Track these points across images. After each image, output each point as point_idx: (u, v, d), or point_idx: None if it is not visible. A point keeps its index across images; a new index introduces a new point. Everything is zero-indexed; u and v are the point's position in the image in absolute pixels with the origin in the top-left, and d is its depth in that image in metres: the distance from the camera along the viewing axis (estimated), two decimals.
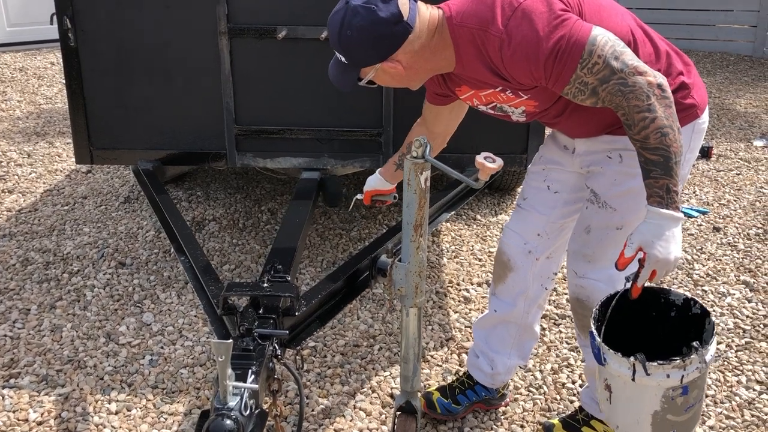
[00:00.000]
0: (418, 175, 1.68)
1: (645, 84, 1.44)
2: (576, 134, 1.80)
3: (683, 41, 8.32)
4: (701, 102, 1.71)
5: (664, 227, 1.44)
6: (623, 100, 1.45)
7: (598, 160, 1.75)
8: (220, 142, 2.80)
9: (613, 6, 1.66)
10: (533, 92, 1.61)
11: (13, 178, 4.08)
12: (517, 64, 1.51)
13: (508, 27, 1.48)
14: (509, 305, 2.00)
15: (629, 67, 1.45)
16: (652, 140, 1.44)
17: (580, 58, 1.45)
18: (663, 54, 1.66)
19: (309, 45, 2.67)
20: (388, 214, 3.56)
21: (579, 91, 1.50)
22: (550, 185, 1.89)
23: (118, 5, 2.66)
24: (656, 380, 1.38)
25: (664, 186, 1.44)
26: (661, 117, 1.43)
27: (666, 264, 1.45)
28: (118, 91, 2.77)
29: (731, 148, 4.73)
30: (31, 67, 6.94)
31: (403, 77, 1.64)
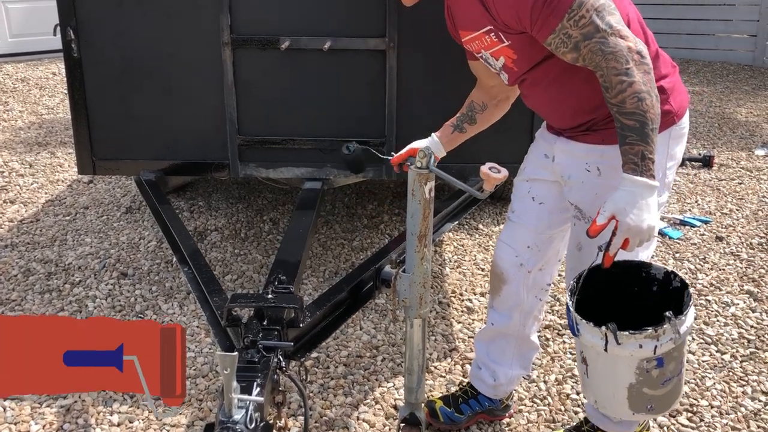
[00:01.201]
0: (423, 186, 1.68)
1: (625, 48, 1.44)
2: (553, 117, 1.78)
3: (684, 50, 8.35)
4: (679, 108, 1.69)
5: (637, 195, 1.43)
6: (603, 60, 1.45)
7: (577, 172, 1.73)
8: (223, 152, 2.79)
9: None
10: (515, 39, 1.60)
11: (15, 188, 4.08)
12: (506, 1, 1.52)
13: None
14: (505, 318, 2.00)
15: (613, 28, 1.45)
16: (628, 104, 1.43)
17: (569, 8, 1.46)
18: (652, 52, 1.65)
19: (312, 55, 2.67)
20: (390, 224, 3.56)
21: (562, 42, 1.50)
22: (535, 197, 1.88)
23: (122, 16, 2.66)
24: (628, 350, 1.36)
25: (639, 153, 1.43)
26: (639, 82, 1.43)
27: (639, 232, 1.44)
28: (121, 102, 2.77)
29: (733, 158, 4.73)
30: (33, 77, 6.96)
31: None
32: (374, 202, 3.82)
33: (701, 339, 2.58)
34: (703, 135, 5.31)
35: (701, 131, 5.40)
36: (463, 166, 2.76)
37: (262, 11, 2.64)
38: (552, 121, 1.81)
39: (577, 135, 1.72)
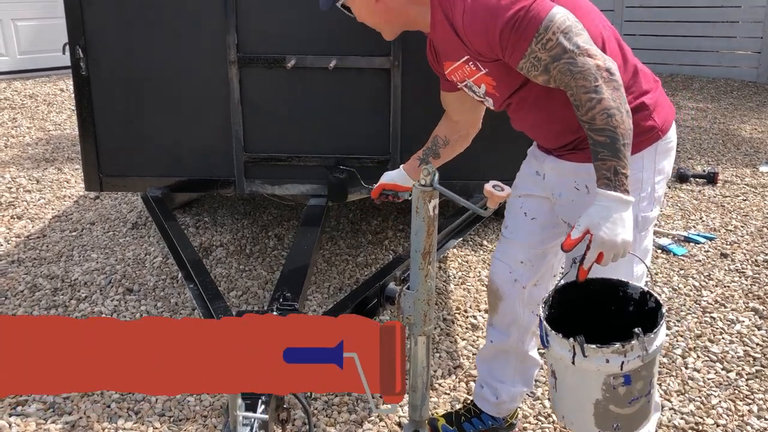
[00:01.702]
0: (427, 203, 1.69)
1: (593, 66, 1.46)
2: (540, 137, 1.81)
3: (688, 67, 8.38)
4: (663, 122, 1.70)
5: (611, 209, 1.44)
6: (572, 79, 1.47)
7: (566, 190, 1.75)
8: (229, 169, 2.82)
9: (590, 10, 1.67)
10: (492, 67, 1.63)
11: (22, 204, 4.11)
12: (476, 31, 1.55)
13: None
14: (504, 335, 2.00)
15: (581, 48, 1.47)
16: (598, 121, 1.45)
17: (535, 32, 1.48)
18: (631, 69, 1.67)
19: (317, 74, 2.70)
20: (394, 239, 3.57)
21: (533, 66, 1.52)
22: (527, 212, 1.89)
23: (130, 35, 2.70)
24: (595, 364, 1.36)
25: (611, 168, 1.45)
26: (608, 99, 1.45)
27: (613, 246, 1.44)
28: (128, 119, 2.80)
29: (737, 174, 4.73)
30: (41, 93, 7.03)
31: (374, 13, 1.72)
32: (379, 218, 3.83)
33: (706, 357, 2.57)
34: (708, 151, 5.31)
35: (705, 148, 5.41)
36: (467, 183, 2.78)
37: (268, 30, 2.67)
38: (539, 141, 1.84)
39: (565, 154, 1.74)
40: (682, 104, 6.91)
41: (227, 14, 2.64)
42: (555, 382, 1.47)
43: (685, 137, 5.67)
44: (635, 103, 1.63)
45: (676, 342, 2.66)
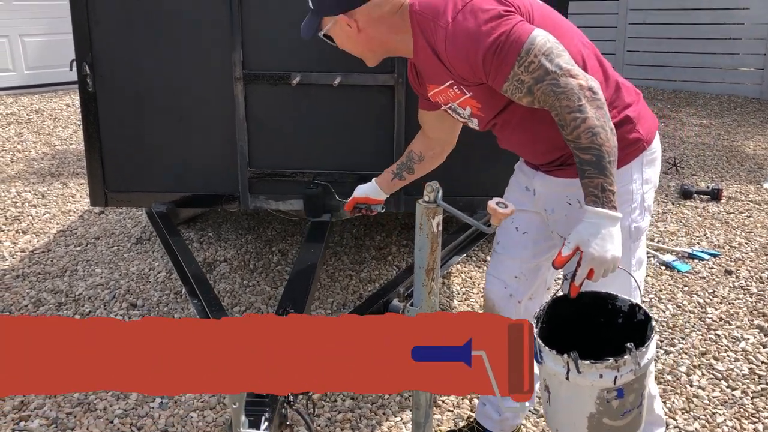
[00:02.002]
0: (430, 220, 1.69)
1: (576, 86, 1.48)
2: (527, 155, 1.83)
3: (691, 83, 8.41)
4: (647, 133, 1.72)
5: (600, 226, 1.47)
6: (555, 100, 1.49)
7: (559, 205, 1.76)
8: (234, 184, 2.83)
9: (569, 29, 1.69)
10: (476, 90, 1.65)
11: (28, 218, 4.12)
12: (459, 56, 1.57)
13: (455, 20, 1.56)
14: None
15: (563, 69, 1.50)
16: (583, 140, 1.47)
17: (517, 56, 1.50)
18: (612, 84, 1.69)
19: (322, 90, 2.71)
20: (398, 255, 3.57)
21: (516, 89, 1.54)
22: (518, 226, 1.90)
23: (137, 52, 2.72)
24: (589, 380, 1.38)
25: (599, 185, 1.47)
26: (592, 117, 1.47)
27: (603, 262, 1.47)
28: (134, 135, 2.82)
29: (741, 191, 4.73)
30: (47, 108, 7.08)
31: (357, 42, 1.73)
32: (382, 234, 3.84)
33: (711, 374, 2.56)
34: (711, 168, 5.32)
35: (709, 164, 5.41)
36: (471, 199, 2.79)
37: (273, 48, 2.69)
38: (526, 158, 1.86)
39: (553, 170, 1.76)
40: (685, 120, 6.92)
41: (233, 31, 2.66)
42: (549, 396, 1.49)
43: (688, 154, 5.67)
44: (619, 117, 1.66)
45: (680, 359, 2.65)
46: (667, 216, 4.26)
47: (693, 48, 8.37)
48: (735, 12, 8.10)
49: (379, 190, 2.13)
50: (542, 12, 1.65)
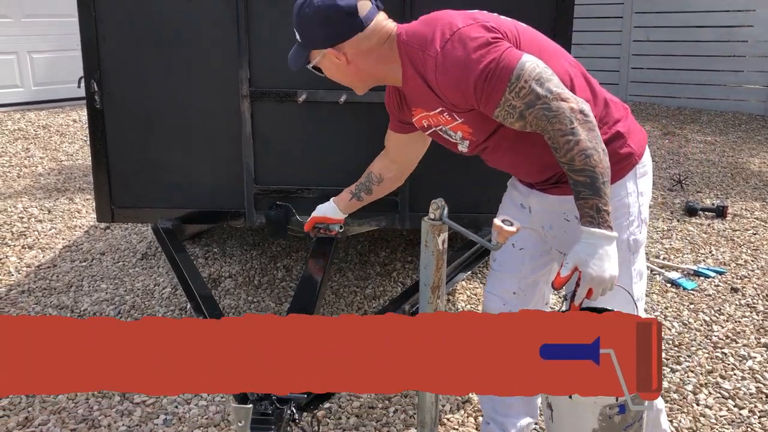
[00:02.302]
0: (436, 237, 1.70)
1: (567, 109, 1.50)
2: (521, 174, 1.84)
3: (695, 100, 8.42)
4: (638, 147, 1.74)
5: (597, 246, 1.49)
6: (548, 124, 1.51)
7: (557, 222, 1.77)
8: (240, 201, 2.84)
9: (556, 51, 1.71)
10: (467, 116, 1.66)
11: (34, 233, 4.14)
12: (450, 84, 1.59)
13: (444, 49, 1.57)
14: None
15: (553, 93, 1.51)
16: (577, 162, 1.49)
17: (508, 82, 1.52)
18: (601, 102, 1.71)
19: (327, 108, 2.73)
20: (402, 271, 3.57)
21: (508, 114, 1.56)
22: (515, 243, 1.90)
23: (144, 69, 2.75)
24: (592, 397, 1.39)
25: (594, 206, 1.49)
26: (585, 140, 1.49)
27: (601, 281, 1.49)
28: (141, 152, 2.84)
29: (746, 208, 4.72)
30: (54, 124, 7.12)
31: (346, 73, 1.74)
32: (387, 250, 3.84)
33: (718, 393, 2.54)
34: (716, 185, 5.31)
35: (714, 181, 5.41)
36: (477, 216, 2.79)
37: (280, 65, 2.71)
38: (521, 178, 1.87)
39: (548, 188, 1.77)
40: (690, 137, 6.92)
41: (240, 49, 2.68)
42: (551, 413, 1.50)
43: (693, 170, 5.67)
44: (610, 133, 1.68)
45: (687, 378, 2.64)
46: (673, 233, 4.25)
47: (697, 65, 8.40)
48: (739, 30, 8.13)
49: (337, 209, 2.17)
50: (528, 35, 1.67)
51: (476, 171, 2.62)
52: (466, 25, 1.59)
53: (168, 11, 2.71)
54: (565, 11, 2.63)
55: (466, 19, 1.62)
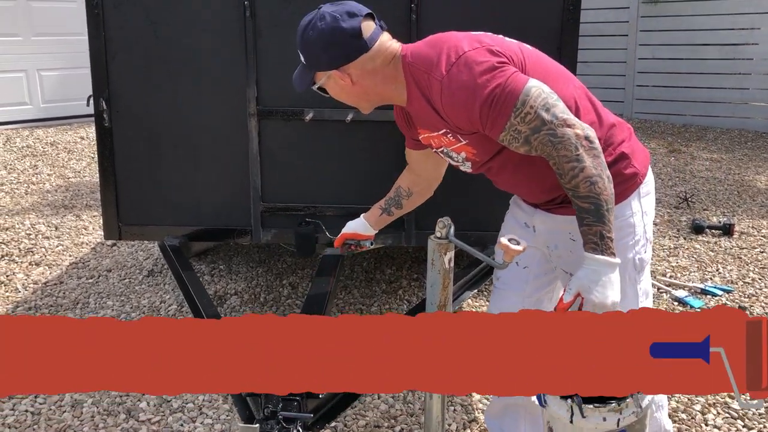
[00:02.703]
0: (442, 256, 1.70)
1: (573, 136, 1.51)
2: (526, 195, 1.84)
3: (700, 117, 8.43)
4: (642, 167, 1.75)
5: (600, 273, 1.49)
6: (553, 150, 1.52)
7: (562, 242, 1.77)
8: (246, 218, 2.85)
9: (561, 73, 1.71)
10: (471, 138, 1.67)
11: (41, 250, 4.15)
12: (455, 108, 1.59)
13: (450, 73, 1.57)
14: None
15: (559, 119, 1.52)
16: (582, 189, 1.50)
17: (513, 107, 1.52)
18: (606, 124, 1.71)
19: (334, 126, 2.75)
20: (408, 289, 3.56)
21: (513, 138, 1.56)
22: (519, 261, 1.90)
23: (153, 88, 2.77)
24: (593, 423, 1.39)
25: (597, 233, 1.50)
26: (590, 167, 1.50)
27: (603, 308, 1.49)
28: (149, 170, 2.86)
29: (753, 225, 4.71)
30: (62, 141, 7.17)
31: (351, 93, 1.74)
32: (393, 267, 3.84)
33: (727, 413, 2.52)
34: (723, 202, 5.30)
35: (720, 199, 5.39)
36: (483, 234, 2.79)
37: (287, 84, 2.72)
38: (525, 198, 1.87)
39: (553, 208, 1.77)
40: (696, 155, 6.92)
41: (248, 69, 2.71)
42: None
43: (699, 188, 5.66)
44: (615, 154, 1.69)
45: (695, 397, 2.62)
46: (679, 251, 4.24)
47: (702, 83, 8.41)
48: (743, 48, 8.15)
49: (367, 225, 2.15)
50: (533, 58, 1.67)
51: (482, 189, 2.63)
52: (472, 48, 1.59)
53: (176, 31, 2.74)
54: (570, 29, 2.65)
55: (472, 42, 1.62)
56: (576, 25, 2.64)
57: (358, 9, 1.68)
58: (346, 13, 1.65)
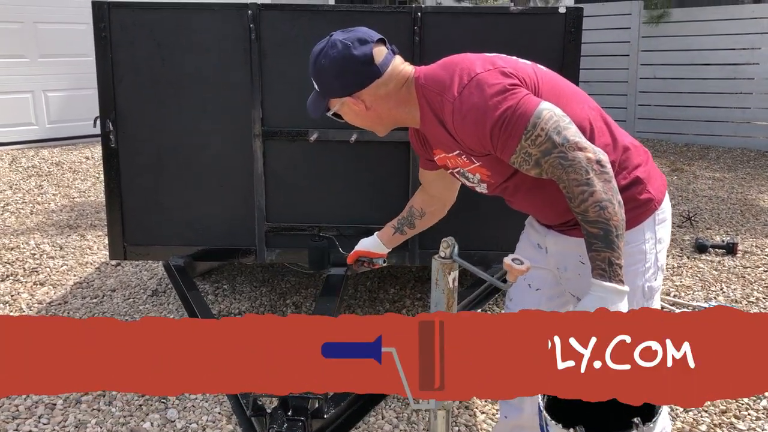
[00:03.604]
0: (446, 275, 1.70)
1: (584, 159, 1.49)
2: (540, 216, 1.83)
3: (703, 137, 8.45)
4: (658, 193, 1.72)
5: (607, 300, 1.46)
6: (563, 173, 1.50)
7: (572, 264, 1.76)
8: (251, 238, 2.86)
9: (575, 94, 1.70)
10: (485, 160, 1.66)
11: (45, 270, 4.17)
12: (467, 130, 1.59)
13: (462, 95, 1.57)
14: (517, 410, 1.98)
15: (570, 142, 1.50)
16: (591, 213, 1.48)
17: (524, 129, 1.52)
18: (620, 147, 1.69)
19: (338, 147, 2.77)
20: (412, 308, 3.56)
21: (524, 161, 1.56)
22: (531, 283, 1.89)
23: (159, 109, 2.80)
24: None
25: (606, 259, 1.46)
26: (600, 191, 1.47)
27: None
28: (154, 190, 2.88)
29: (757, 245, 4.71)
30: (67, 161, 7.21)
31: (365, 118, 1.74)
32: (396, 287, 3.84)
33: None
34: (726, 221, 5.30)
35: (723, 218, 5.40)
36: (486, 254, 2.80)
37: (292, 105, 2.76)
38: (539, 219, 1.86)
39: (567, 229, 1.76)
40: (698, 174, 6.93)
41: (253, 90, 2.74)
42: None
43: (702, 207, 5.67)
44: (630, 178, 1.67)
45: (700, 418, 2.60)
46: (683, 270, 4.23)
47: (704, 102, 8.46)
48: (744, 67, 8.20)
49: (380, 243, 2.15)
50: (547, 79, 1.66)
51: (486, 209, 2.64)
52: (485, 70, 1.59)
53: (183, 53, 2.77)
54: (572, 50, 2.68)
55: (485, 64, 1.62)
56: (577, 45, 2.67)
57: (369, 35, 1.68)
58: (357, 40, 1.66)
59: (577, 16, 2.64)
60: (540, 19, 2.68)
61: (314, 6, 2.73)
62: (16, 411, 2.62)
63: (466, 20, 2.68)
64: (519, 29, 2.68)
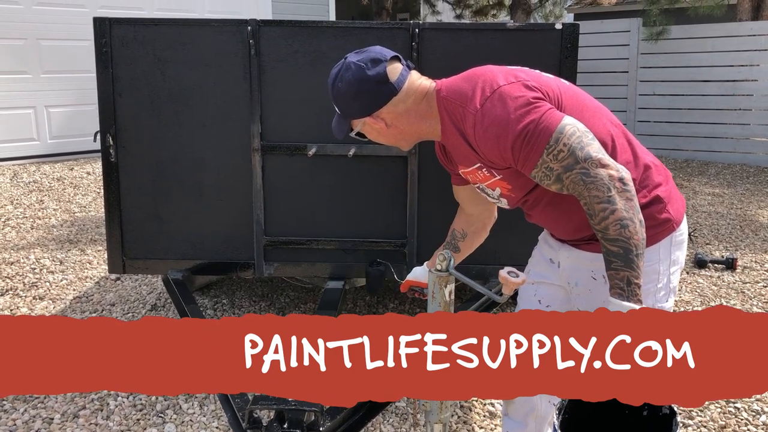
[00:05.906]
0: (443, 289, 1.71)
1: (606, 176, 1.47)
2: (556, 231, 1.81)
3: (702, 153, 8.48)
4: (677, 215, 1.71)
5: None
6: (584, 189, 1.48)
7: (583, 279, 1.74)
8: (249, 252, 2.87)
9: (598, 110, 1.69)
10: (506, 173, 1.65)
11: (45, 284, 4.17)
12: (488, 142, 1.57)
13: (484, 107, 1.56)
14: (521, 426, 1.97)
15: (593, 158, 1.49)
16: (611, 231, 1.46)
17: (546, 144, 1.50)
18: (641, 165, 1.68)
19: (337, 161, 2.79)
20: None
21: (545, 175, 1.54)
22: (541, 299, 1.88)
23: (159, 124, 2.82)
24: None
25: (624, 278, 1.44)
26: (621, 209, 1.45)
27: None
28: (154, 204, 2.89)
29: (756, 260, 4.70)
30: (68, 176, 7.23)
31: (387, 135, 1.74)
32: (395, 301, 3.84)
33: None
34: (725, 237, 5.30)
35: (723, 233, 5.40)
36: (484, 268, 2.81)
37: (290, 120, 2.78)
38: (556, 234, 1.84)
39: (581, 244, 1.74)
40: (698, 189, 6.95)
41: (252, 105, 2.76)
42: None
43: (702, 222, 5.67)
44: (650, 197, 1.65)
45: None
46: (682, 285, 4.23)
47: (703, 118, 8.49)
48: (743, 84, 8.24)
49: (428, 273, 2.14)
50: (570, 94, 1.65)
51: None
52: (508, 83, 1.58)
53: (182, 69, 2.80)
54: (568, 66, 2.70)
55: (508, 76, 1.61)
56: (574, 61, 2.69)
57: (383, 54, 1.68)
58: (371, 60, 1.66)
59: (573, 32, 2.67)
60: (537, 35, 2.71)
61: (313, 22, 2.76)
62: (13, 425, 2.62)
63: (463, 36, 2.70)
64: (516, 45, 2.70)
